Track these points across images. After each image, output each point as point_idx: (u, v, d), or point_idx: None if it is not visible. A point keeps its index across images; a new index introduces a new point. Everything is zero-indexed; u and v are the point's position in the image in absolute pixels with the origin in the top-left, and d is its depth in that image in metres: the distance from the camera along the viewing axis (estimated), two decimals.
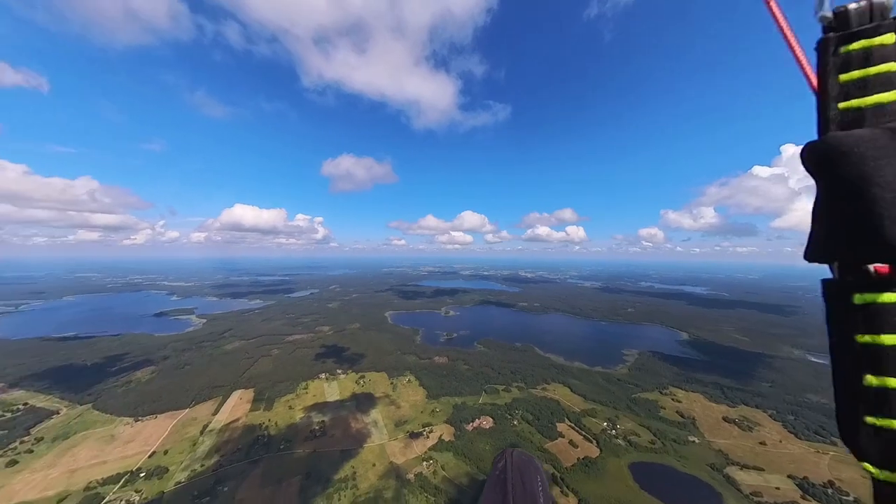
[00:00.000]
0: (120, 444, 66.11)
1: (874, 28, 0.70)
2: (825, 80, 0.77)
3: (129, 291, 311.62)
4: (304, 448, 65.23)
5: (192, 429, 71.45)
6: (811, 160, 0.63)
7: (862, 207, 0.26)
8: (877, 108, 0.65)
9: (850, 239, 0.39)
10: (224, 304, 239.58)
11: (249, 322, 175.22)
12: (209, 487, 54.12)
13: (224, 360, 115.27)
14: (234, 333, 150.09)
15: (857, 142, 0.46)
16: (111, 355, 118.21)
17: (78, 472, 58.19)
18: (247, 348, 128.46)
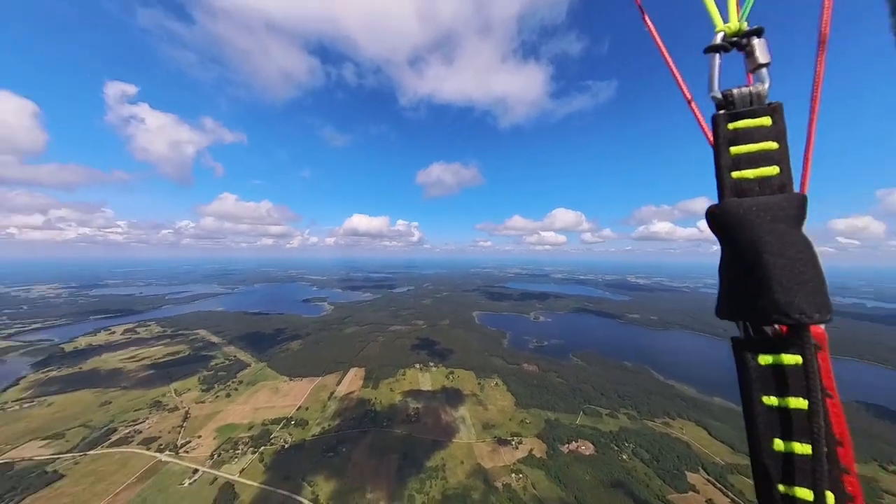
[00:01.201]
0: (281, 396, 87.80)
1: (754, 111, 0.87)
2: (718, 151, 0.91)
3: (289, 282, 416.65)
4: (401, 429, 71.74)
5: (323, 394, 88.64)
6: (711, 223, 0.82)
7: (753, 271, 0.51)
8: (762, 179, 0.82)
9: (747, 300, 0.54)
10: (345, 296, 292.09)
11: (362, 311, 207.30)
12: (333, 445, 65.62)
13: (344, 341, 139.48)
14: (352, 320, 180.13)
15: (747, 209, 0.66)
16: (278, 328, 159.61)
17: (259, 410, 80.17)
18: (360, 333, 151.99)
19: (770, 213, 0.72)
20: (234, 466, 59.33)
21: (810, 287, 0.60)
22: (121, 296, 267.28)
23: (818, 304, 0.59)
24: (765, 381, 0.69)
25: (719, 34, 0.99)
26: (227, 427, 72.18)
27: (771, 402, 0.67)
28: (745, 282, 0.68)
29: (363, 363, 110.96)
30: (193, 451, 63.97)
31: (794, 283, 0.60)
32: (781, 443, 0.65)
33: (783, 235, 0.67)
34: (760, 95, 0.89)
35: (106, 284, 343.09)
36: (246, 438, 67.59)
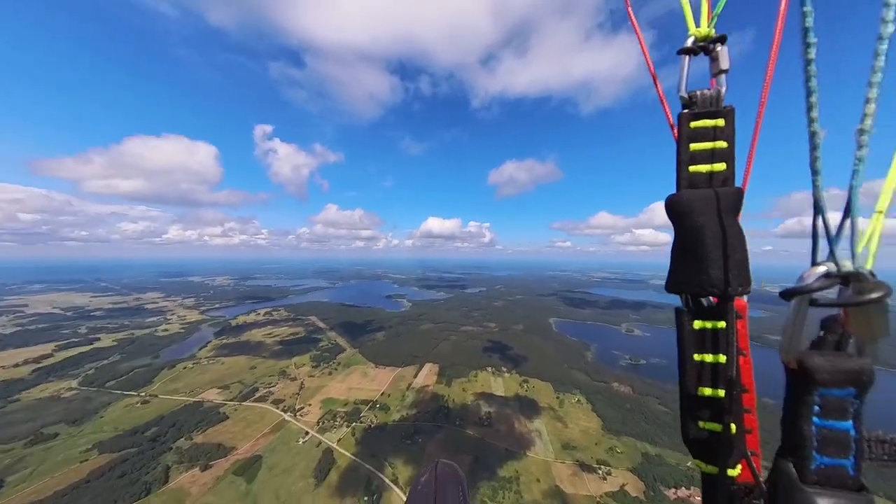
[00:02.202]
0: (369, 380, 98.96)
1: (711, 112, 0.99)
2: (680, 146, 1.03)
3: (375, 279, 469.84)
4: (473, 430, 71.50)
5: (402, 384, 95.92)
6: (669, 210, 0.96)
7: (695, 251, 0.79)
8: (712, 174, 0.97)
9: (689, 276, 0.82)
10: (421, 294, 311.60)
11: (436, 310, 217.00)
12: (410, 433, 70.08)
13: (420, 336, 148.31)
14: (427, 317, 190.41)
15: (696, 199, 0.88)
16: (367, 320, 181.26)
17: (352, 390, 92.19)
18: (434, 331, 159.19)
19: (713, 203, 0.89)
20: (333, 435, 69.45)
21: (737, 266, 0.81)
22: (262, 286, 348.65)
23: (741, 280, 0.82)
24: (696, 341, 0.91)
25: (690, 38, 1.08)
26: (328, 400, 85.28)
27: (699, 358, 0.90)
28: (689, 260, 0.88)
29: (437, 360, 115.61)
30: (305, 416, 77.75)
31: (724, 263, 0.81)
32: (704, 389, 0.89)
33: (721, 222, 0.85)
34: (718, 98, 1.00)
35: (255, 277, 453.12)
36: (342, 413, 78.42)
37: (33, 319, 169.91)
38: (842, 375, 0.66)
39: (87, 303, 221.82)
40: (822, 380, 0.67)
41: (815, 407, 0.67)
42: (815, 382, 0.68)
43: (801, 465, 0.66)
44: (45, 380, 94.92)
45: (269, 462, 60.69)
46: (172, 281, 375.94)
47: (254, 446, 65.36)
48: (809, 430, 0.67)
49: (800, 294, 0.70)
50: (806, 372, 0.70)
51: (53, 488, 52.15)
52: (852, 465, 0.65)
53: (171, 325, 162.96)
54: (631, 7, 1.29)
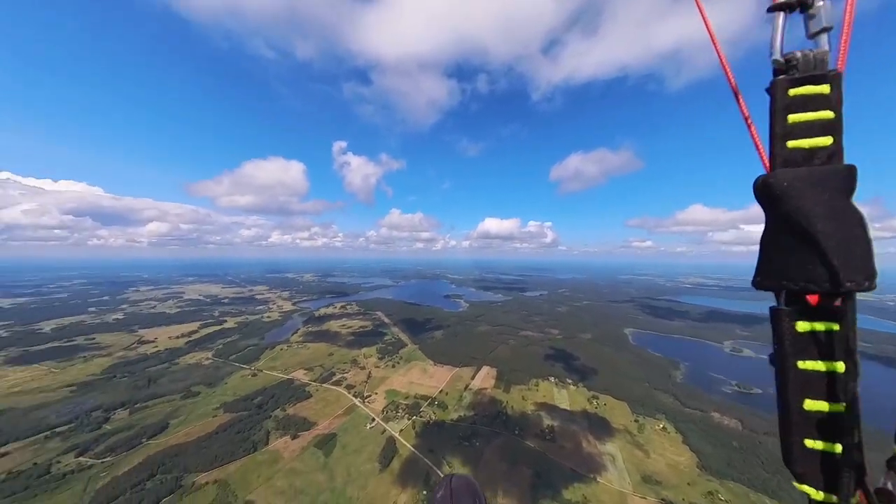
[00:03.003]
0: (428, 377, 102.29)
1: (816, 76, 0.81)
2: (775, 119, 0.85)
3: (434, 279, 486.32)
4: (534, 443, 67.19)
5: (459, 384, 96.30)
6: (761, 193, 0.77)
7: (802, 239, 0.50)
8: (818, 150, 0.77)
9: (792, 269, 0.54)
10: (478, 295, 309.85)
11: (494, 312, 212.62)
12: (467, 435, 69.61)
13: (478, 338, 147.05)
14: (484, 319, 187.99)
15: (799, 179, 0.61)
16: (427, 318, 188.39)
17: (413, 384, 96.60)
18: (492, 333, 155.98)
19: (822, 183, 0.71)
20: (396, 426, 73.59)
21: (860, 256, 0.61)
22: (339, 283, 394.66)
23: (867, 272, 0.61)
24: (802, 346, 0.72)
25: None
26: (391, 391, 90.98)
27: (806, 366, 0.71)
28: (793, 251, 0.69)
29: (495, 363, 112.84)
30: (372, 403, 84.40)
31: (846, 252, 0.62)
32: (812, 402, 0.70)
33: (835, 205, 0.67)
34: (822, 61, 0.83)
35: (333, 275, 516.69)
36: (404, 405, 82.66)
37: (188, 303, 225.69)
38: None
39: (219, 292, 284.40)
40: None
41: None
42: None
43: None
44: (193, 350, 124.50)
45: (343, 441, 67.57)
46: (274, 276, 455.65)
47: (330, 424, 73.72)
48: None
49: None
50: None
51: (196, 435, 67.79)
52: None
53: (272, 313, 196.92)
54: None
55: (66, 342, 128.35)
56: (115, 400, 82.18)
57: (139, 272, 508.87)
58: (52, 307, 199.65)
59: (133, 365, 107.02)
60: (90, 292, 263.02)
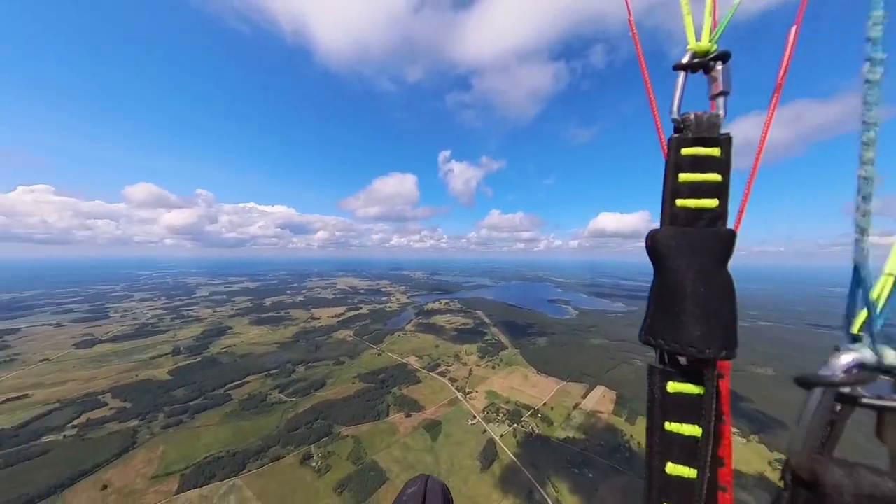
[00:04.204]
0: (530, 385, 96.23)
1: (707, 139, 0.81)
2: (667, 175, 0.85)
3: (536, 282, 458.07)
4: None
5: (568, 401, 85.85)
6: (648, 249, 0.78)
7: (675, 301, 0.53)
8: (704, 211, 0.77)
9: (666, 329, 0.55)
10: (591, 302, 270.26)
11: (612, 323, 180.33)
12: (577, 462, 60.88)
13: (590, 352, 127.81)
14: (599, 331, 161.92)
15: (679, 239, 0.63)
16: (528, 322, 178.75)
17: (514, 389, 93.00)
18: (609, 348, 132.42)
19: (698, 247, 0.72)
20: (496, 429, 72.29)
21: (721, 324, 0.62)
22: (443, 281, 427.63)
23: (726, 342, 0.62)
24: (670, 407, 0.72)
25: (689, 52, 0.92)
26: (491, 393, 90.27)
27: (671, 429, 0.71)
28: (667, 311, 0.71)
29: (613, 385, 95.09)
30: (473, 400, 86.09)
31: (706, 319, 0.63)
32: (673, 466, 0.70)
33: (706, 271, 0.68)
34: (715, 124, 0.84)
35: (439, 273, 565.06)
36: (504, 409, 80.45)
37: (339, 291, 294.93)
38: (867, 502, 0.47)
39: (357, 284, 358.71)
40: (839, 501, 0.49)
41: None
42: (828, 499, 0.51)
43: None
44: (341, 328, 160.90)
45: (447, 430, 71.63)
46: (394, 273, 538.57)
47: (436, 411, 79.62)
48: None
49: (822, 385, 0.53)
50: (818, 484, 0.53)
51: (341, 395, 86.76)
52: None
53: (392, 304, 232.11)
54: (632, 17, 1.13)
55: (276, 313, 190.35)
56: (298, 357, 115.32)
57: (313, 267, 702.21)
58: (269, 289, 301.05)
59: (308, 334, 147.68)
60: (288, 281, 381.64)
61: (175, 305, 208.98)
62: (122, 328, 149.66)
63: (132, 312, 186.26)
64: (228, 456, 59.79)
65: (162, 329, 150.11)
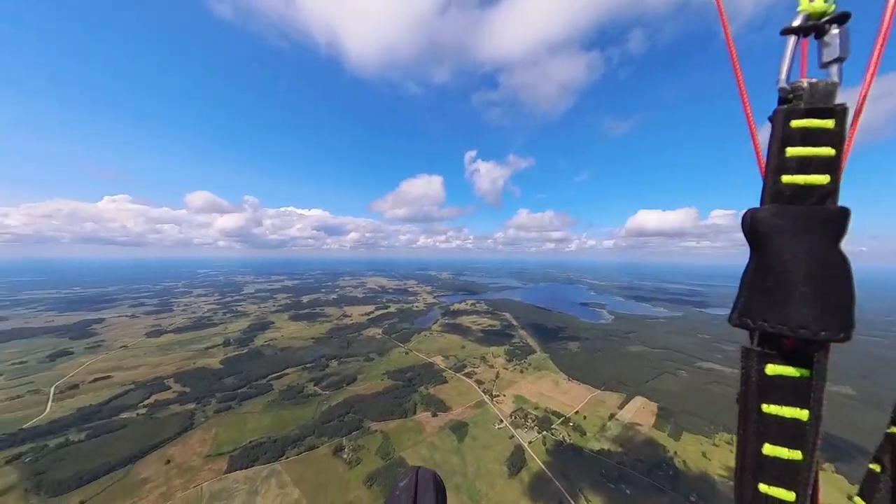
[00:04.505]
0: (560, 392, 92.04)
1: (821, 109, 0.73)
2: (773, 150, 0.78)
3: (567, 283, 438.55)
4: None
5: (602, 410, 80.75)
6: (747, 229, 0.71)
7: (782, 281, 0.45)
8: (813, 188, 0.71)
9: (769, 310, 0.49)
10: (628, 306, 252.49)
11: (653, 329, 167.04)
12: (614, 477, 56.86)
13: (628, 360, 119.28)
14: (638, 337, 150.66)
15: (788, 219, 0.56)
16: (558, 326, 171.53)
17: (543, 395, 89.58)
18: (649, 356, 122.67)
19: (810, 226, 0.67)
20: (524, 435, 70.03)
21: (840, 305, 0.59)
22: (469, 282, 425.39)
23: (844, 323, 0.58)
24: (769, 389, 0.71)
25: (801, 14, 0.84)
26: (519, 397, 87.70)
27: (770, 410, 0.70)
28: (771, 292, 0.66)
29: (654, 396, 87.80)
30: (500, 404, 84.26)
31: (825, 300, 0.59)
32: (771, 447, 0.69)
33: (821, 251, 0.64)
34: (831, 93, 0.76)
35: (464, 274, 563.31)
36: (533, 415, 77.71)
37: (368, 290, 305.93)
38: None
39: (386, 284, 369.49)
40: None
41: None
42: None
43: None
44: (370, 326, 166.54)
45: (473, 432, 70.82)
46: (420, 273, 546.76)
47: (462, 413, 79.11)
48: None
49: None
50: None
51: (371, 391, 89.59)
52: None
53: (419, 304, 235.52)
54: None
55: (312, 310, 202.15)
56: (331, 352, 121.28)
57: (345, 267, 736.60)
58: (306, 287, 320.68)
59: (340, 330, 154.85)
60: (322, 280, 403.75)
61: (226, 301, 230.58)
62: (184, 320, 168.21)
63: (191, 307, 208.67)
64: (270, 442, 64.36)
65: (215, 322, 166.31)
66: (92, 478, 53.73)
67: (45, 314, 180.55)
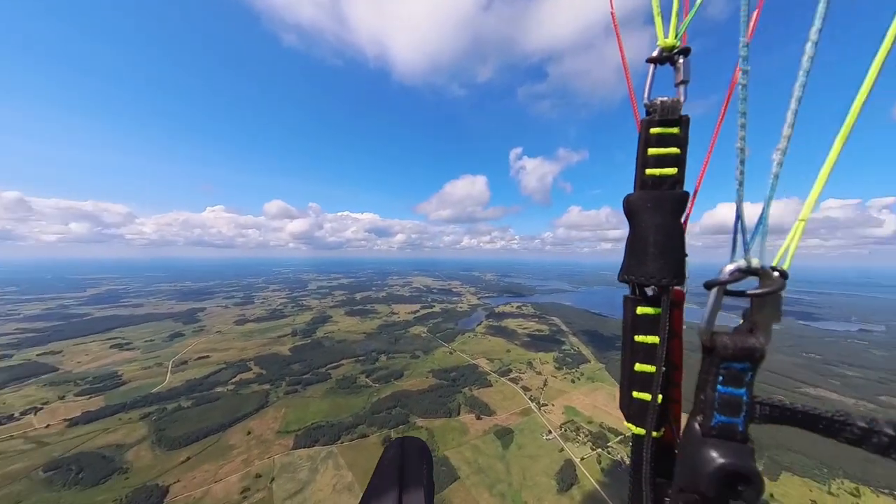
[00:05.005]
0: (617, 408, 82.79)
1: (670, 120, 1.06)
2: (640, 150, 1.11)
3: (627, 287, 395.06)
4: None
5: None
6: (624, 209, 1.12)
7: (643, 246, 1.02)
8: (666, 177, 1.06)
9: (636, 268, 1.05)
10: None
11: None
12: None
13: None
14: None
15: (647, 199, 1.07)
16: (616, 334, 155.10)
17: (597, 409, 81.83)
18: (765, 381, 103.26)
19: (661, 205, 1.01)
20: (576, 450, 64.68)
21: (673, 261, 0.97)
22: (515, 283, 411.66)
23: (676, 273, 0.98)
24: (638, 325, 1.07)
25: (658, 48, 1.12)
26: (570, 409, 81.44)
27: (638, 339, 1.06)
28: (637, 254, 1.03)
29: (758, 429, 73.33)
30: (548, 413, 79.33)
31: (663, 258, 0.97)
32: (640, 365, 1.06)
33: (666, 223, 0.99)
34: (676, 108, 1.06)
35: (510, 275, 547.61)
36: (586, 430, 71.44)
37: (414, 290, 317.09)
38: (740, 352, 0.83)
39: (430, 283, 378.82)
40: (725, 354, 0.85)
41: (720, 377, 0.86)
42: (720, 356, 0.86)
43: (705, 423, 0.85)
44: (416, 324, 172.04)
45: (518, 440, 67.89)
46: (464, 274, 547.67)
47: (508, 419, 76.47)
48: (713, 395, 0.86)
49: (716, 285, 0.87)
50: (715, 348, 0.88)
51: (416, 387, 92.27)
52: (742, 422, 0.85)
53: (463, 305, 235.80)
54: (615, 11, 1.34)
55: (364, 307, 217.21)
56: (381, 347, 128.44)
57: (393, 267, 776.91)
58: (359, 285, 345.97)
59: (389, 327, 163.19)
60: (373, 278, 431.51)
61: (294, 296, 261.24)
62: (262, 311, 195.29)
63: (268, 300, 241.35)
64: (328, 426, 70.56)
65: (286, 314, 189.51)
66: (195, 439, 65.33)
67: (167, 302, 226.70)
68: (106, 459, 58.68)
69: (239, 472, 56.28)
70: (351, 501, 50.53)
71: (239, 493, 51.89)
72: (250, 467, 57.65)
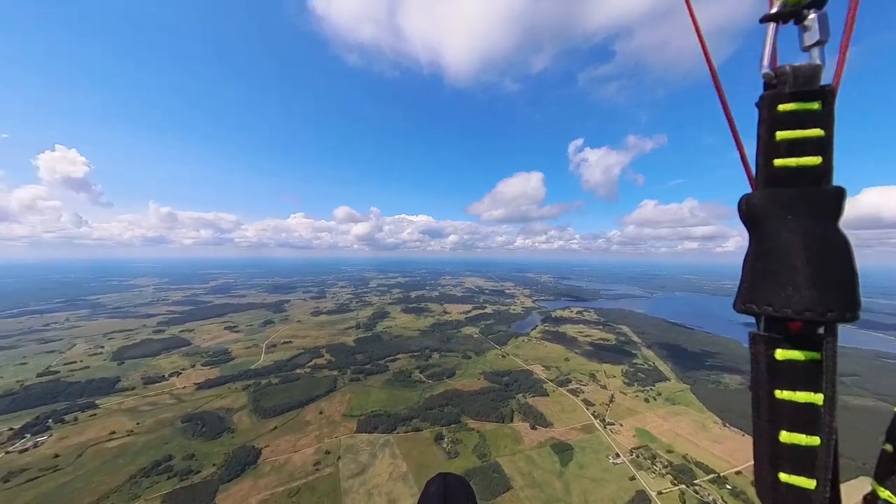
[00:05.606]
0: (709, 440, 69.23)
1: (807, 92, 0.75)
2: (762, 134, 0.80)
3: (722, 295, 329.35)
4: None
5: None
6: (744, 214, 0.75)
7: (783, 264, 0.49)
8: (806, 169, 0.72)
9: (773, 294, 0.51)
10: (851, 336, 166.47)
11: (885, 370, 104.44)
12: None
13: (841, 415, 78.35)
14: (862, 382, 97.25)
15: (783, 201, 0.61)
16: (705, 349, 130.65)
17: (679, 437, 69.77)
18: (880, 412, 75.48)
19: (807, 207, 0.68)
20: (652, 481, 56.10)
21: (843, 285, 0.58)
22: (575, 286, 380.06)
23: (849, 303, 0.57)
24: (780, 374, 0.69)
25: (778, 2, 0.85)
26: (644, 432, 71.12)
27: (783, 396, 0.68)
28: (773, 276, 0.66)
29: None
30: (616, 434, 70.66)
31: (827, 280, 0.58)
32: (788, 434, 0.67)
33: (819, 231, 0.64)
34: (814, 77, 0.76)
35: (569, 278, 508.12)
36: (664, 459, 61.51)
37: (466, 290, 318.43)
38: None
39: (482, 284, 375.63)
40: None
41: None
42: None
43: None
44: (468, 324, 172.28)
45: (579, 459, 62.04)
46: (518, 275, 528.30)
47: (567, 434, 70.62)
48: None
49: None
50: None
51: (468, 388, 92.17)
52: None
53: (517, 307, 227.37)
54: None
55: (418, 305, 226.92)
56: (434, 345, 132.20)
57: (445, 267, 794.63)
58: (414, 284, 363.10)
59: (441, 326, 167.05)
60: (427, 278, 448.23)
61: (358, 292, 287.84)
62: (332, 305, 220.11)
63: (337, 295, 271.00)
64: (385, 415, 75.41)
65: (351, 308, 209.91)
66: (281, 412, 76.76)
67: (263, 294, 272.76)
68: (220, 419, 73.25)
69: (312, 447, 64.11)
70: (404, 492, 52.87)
71: (312, 465, 59.04)
72: (321, 444, 65.15)
